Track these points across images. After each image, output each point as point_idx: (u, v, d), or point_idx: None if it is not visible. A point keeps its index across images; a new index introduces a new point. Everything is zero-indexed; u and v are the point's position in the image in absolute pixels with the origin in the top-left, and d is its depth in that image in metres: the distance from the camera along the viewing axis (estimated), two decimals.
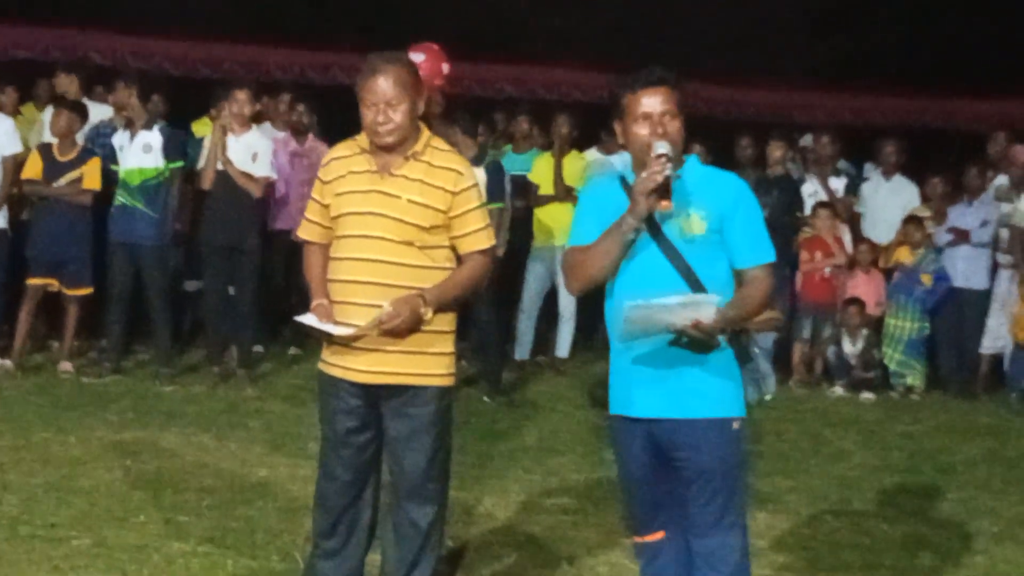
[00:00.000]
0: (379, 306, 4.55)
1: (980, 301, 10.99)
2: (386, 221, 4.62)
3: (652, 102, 4.16)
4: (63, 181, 9.43)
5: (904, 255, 10.91)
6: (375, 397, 4.70)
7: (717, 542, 4.21)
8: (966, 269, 10.94)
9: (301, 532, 5.96)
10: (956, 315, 11.03)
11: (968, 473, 8.02)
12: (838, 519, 6.77)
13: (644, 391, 4.22)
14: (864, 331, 10.71)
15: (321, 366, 4.83)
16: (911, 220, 10.95)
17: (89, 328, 10.15)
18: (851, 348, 10.70)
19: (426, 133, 4.72)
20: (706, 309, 4.02)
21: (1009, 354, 10.80)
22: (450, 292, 4.69)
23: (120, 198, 9.41)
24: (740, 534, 4.26)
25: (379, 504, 4.89)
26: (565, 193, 10.60)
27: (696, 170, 4.28)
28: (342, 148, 4.83)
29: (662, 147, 4.09)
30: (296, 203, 10.82)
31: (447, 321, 4.74)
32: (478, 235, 4.72)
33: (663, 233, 4.14)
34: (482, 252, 4.74)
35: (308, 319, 4.77)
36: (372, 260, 4.62)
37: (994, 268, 11.05)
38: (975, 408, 10.34)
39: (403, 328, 4.57)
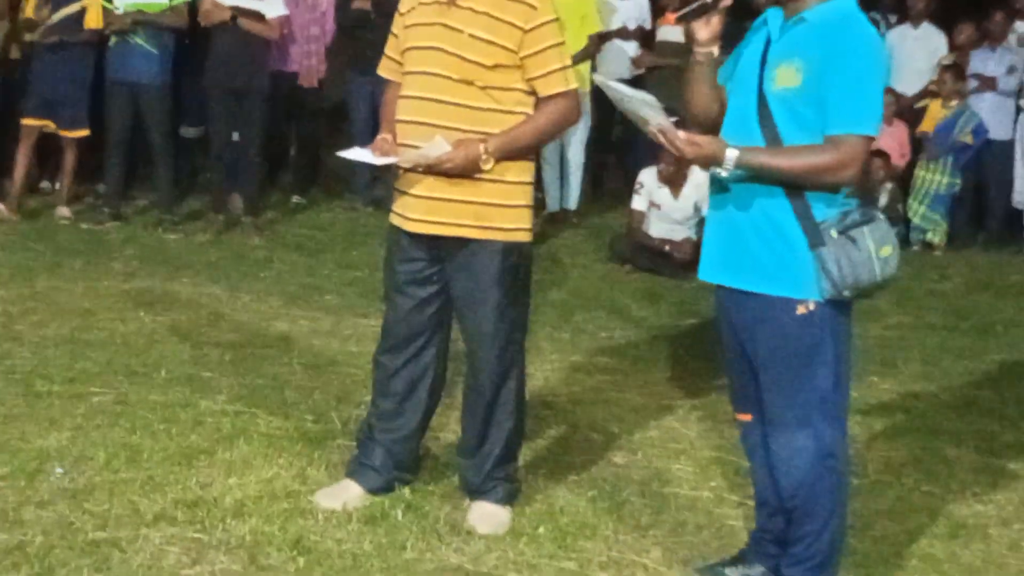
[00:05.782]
0: None
1: (1005, 151, 10.68)
2: (445, 57, 4.17)
3: None
4: (59, 16, 8.87)
5: (936, 109, 10.51)
6: (438, 251, 4.30)
7: (780, 443, 3.70)
8: (991, 119, 10.55)
9: (331, 391, 5.68)
10: (977, 167, 10.71)
11: (1008, 334, 7.71)
12: (885, 381, 6.48)
13: (709, 253, 3.81)
14: (889, 185, 10.32)
15: (390, 216, 4.46)
16: (949, 68, 10.53)
17: (84, 174, 9.72)
18: None
19: None
20: (660, 115, 3.53)
21: None
22: (520, 140, 4.21)
23: (118, 34, 8.90)
24: (809, 436, 3.63)
25: (444, 373, 4.56)
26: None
27: (824, 15, 3.59)
28: None
29: None
30: (300, 45, 10.33)
31: (519, 171, 4.27)
32: (555, 76, 4.21)
33: (763, 80, 3.63)
34: (562, 95, 4.23)
35: (350, 153, 4.42)
36: (430, 99, 4.19)
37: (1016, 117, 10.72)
38: (1001, 265, 10.04)
39: (453, 172, 4.15)
